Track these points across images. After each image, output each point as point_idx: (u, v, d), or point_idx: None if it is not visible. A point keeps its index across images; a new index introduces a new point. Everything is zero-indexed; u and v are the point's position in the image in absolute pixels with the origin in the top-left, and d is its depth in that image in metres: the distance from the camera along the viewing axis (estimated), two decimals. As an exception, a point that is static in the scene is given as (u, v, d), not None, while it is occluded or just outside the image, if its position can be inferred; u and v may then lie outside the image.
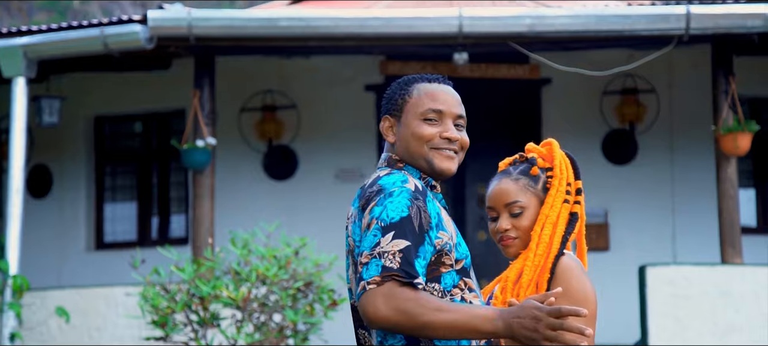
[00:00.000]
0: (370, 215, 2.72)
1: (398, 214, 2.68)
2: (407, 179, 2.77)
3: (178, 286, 7.37)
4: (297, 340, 7.44)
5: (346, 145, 11.24)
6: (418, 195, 2.74)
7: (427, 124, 2.86)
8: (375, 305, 2.61)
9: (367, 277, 2.64)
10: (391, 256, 2.64)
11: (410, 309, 2.60)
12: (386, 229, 2.67)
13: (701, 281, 9.14)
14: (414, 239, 2.67)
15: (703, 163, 10.93)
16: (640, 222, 11.12)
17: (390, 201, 2.71)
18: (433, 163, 2.85)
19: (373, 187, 2.78)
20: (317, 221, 10.76)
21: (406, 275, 2.63)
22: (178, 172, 11.58)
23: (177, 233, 11.61)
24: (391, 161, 2.90)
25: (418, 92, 2.89)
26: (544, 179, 3.00)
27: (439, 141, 2.85)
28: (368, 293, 2.63)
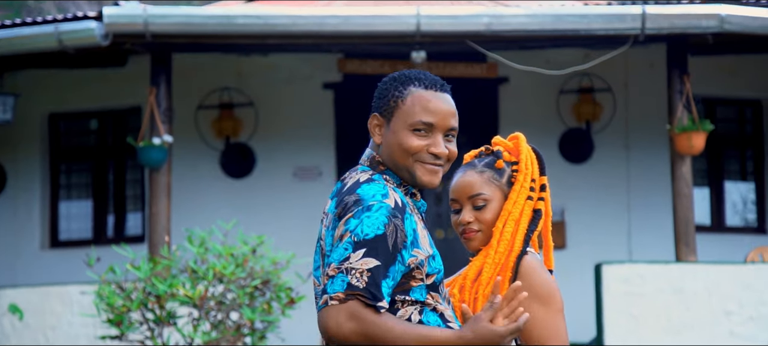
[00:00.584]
0: (345, 226, 2.64)
1: (373, 231, 2.61)
2: (388, 193, 2.68)
3: (134, 284, 7.32)
4: (254, 338, 7.41)
5: (304, 143, 11.22)
6: (396, 212, 2.66)
7: (415, 135, 2.74)
8: (337, 321, 2.57)
9: (331, 291, 2.59)
10: (359, 274, 2.58)
11: (371, 332, 2.57)
12: (358, 245, 2.60)
13: (656, 279, 9.22)
14: (385, 259, 2.61)
15: (658, 162, 11.03)
16: (596, 220, 11.20)
17: (367, 216, 2.62)
18: (416, 175, 2.76)
19: (351, 195, 2.69)
20: (275, 219, 10.73)
21: (370, 297, 2.58)
22: (134, 170, 11.50)
23: (133, 231, 11.53)
24: (374, 162, 2.80)
25: (412, 98, 2.75)
26: (509, 173, 2.96)
27: (425, 155, 2.75)
28: (330, 308, 2.58)
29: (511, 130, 11.63)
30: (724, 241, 11.34)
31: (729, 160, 11.91)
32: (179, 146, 10.39)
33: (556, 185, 12.59)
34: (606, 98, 11.28)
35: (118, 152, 11.48)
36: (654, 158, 11.16)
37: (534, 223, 2.93)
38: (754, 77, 11.56)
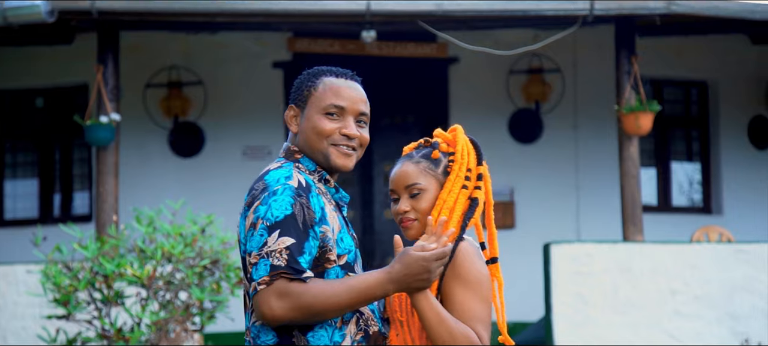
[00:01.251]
0: (254, 213, 2.76)
1: (282, 212, 2.74)
2: (291, 175, 2.81)
3: (81, 264, 7.25)
4: (203, 318, 7.38)
5: (253, 122, 11.16)
6: (300, 192, 2.78)
7: (327, 119, 2.90)
8: (269, 304, 2.69)
9: (257, 277, 2.71)
10: (278, 254, 2.71)
11: (304, 303, 2.69)
12: (272, 228, 2.73)
13: (603, 259, 9.31)
14: (298, 236, 2.73)
15: (606, 142, 11.12)
16: (545, 200, 11.28)
17: (274, 199, 2.75)
18: (330, 158, 2.90)
19: (259, 182, 2.83)
20: (224, 199, 10.68)
21: (293, 272, 2.70)
22: (81, 148, 11.38)
23: (80, 210, 11.42)
24: (289, 152, 2.94)
25: (323, 86, 2.92)
26: (445, 163, 3.03)
27: (337, 137, 2.90)
28: (260, 293, 2.70)
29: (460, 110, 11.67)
30: (671, 221, 11.48)
31: (675, 141, 12.04)
32: (127, 125, 10.29)
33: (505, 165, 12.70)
34: (555, 79, 11.35)
35: (64, 131, 11.35)
36: (602, 139, 11.25)
37: (470, 211, 2.98)
38: (701, 59, 11.68)
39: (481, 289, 2.89)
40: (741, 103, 11.79)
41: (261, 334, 2.79)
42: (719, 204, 11.78)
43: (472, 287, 2.88)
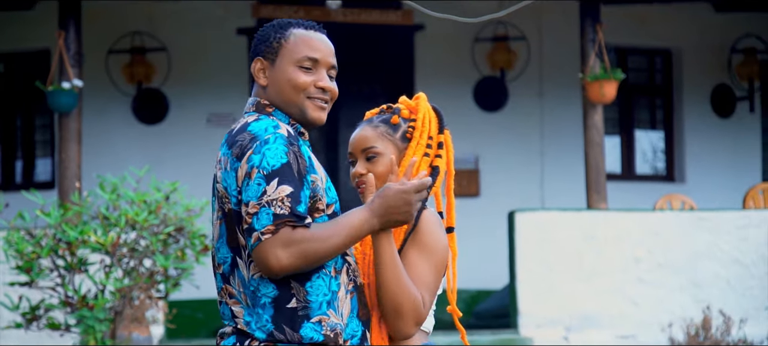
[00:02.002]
0: (248, 163, 2.71)
1: (278, 161, 2.70)
2: (278, 125, 2.77)
3: (44, 231, 7.19)
4: (168, 286, 7.36)
5: (217, 89, 11.10)
6: (292, 140, 2.75)
7: (302, 71, 2.86)
8: (276, 254, 2.66)
9: (260, 227, 2.67)
10: (280, 202, 2.67)
11: (308, 250, 2.68)
12: (269, 176, 2.69)
13: (568, 226, 9.36)
14: (295, 185, 2.70)
15: (570, 110, 11.16)
16: (510, 168, 11.31)
17: (267, 148, 2.71)
18: (306, 112, 2.87)
19: (243, 134, 2.77)
20: (188, 166, 10.63)
21: (297, 219, 2.68)
22: (44, 115, 11.27)
23: (42, 177, 11.33)
24: (260, 106, 2.89)
25: (294, 38, 2.88)
26: (404, 129, 3.03)
27: (313, 90, 2.87)
28: (264, 243, 2.66)
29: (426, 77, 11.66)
30: (634, 189, 11.56)
31: (639, 109, 12.10)
32: (90, 91, 10.20)
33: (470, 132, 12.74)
34: (520, 47, 11.36)
35: (26, 97, 11.23)
36: (567, 107, 11.29)
37: (431, 179, 2.98)
38: (665, 27, 11.73)
39: (436, 257, 2.90)
40: (705, 72, 11.87)
41: (261, 287, 2.74)
42: (682, 172, 11.87)
43: (427, 253, 2.89)
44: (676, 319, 9.09)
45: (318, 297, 2.74)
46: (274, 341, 2.72)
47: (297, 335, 2.71)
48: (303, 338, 2.72)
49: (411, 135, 3.02)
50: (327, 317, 2.74)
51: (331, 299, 2.76)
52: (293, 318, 2.72)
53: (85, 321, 6.98)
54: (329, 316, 2.75)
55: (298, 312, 2.73)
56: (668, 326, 8.90)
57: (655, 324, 9.23)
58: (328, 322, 2.74)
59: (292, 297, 2.73)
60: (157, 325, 8.53)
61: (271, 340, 2.72)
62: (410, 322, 2.84)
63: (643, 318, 9.28)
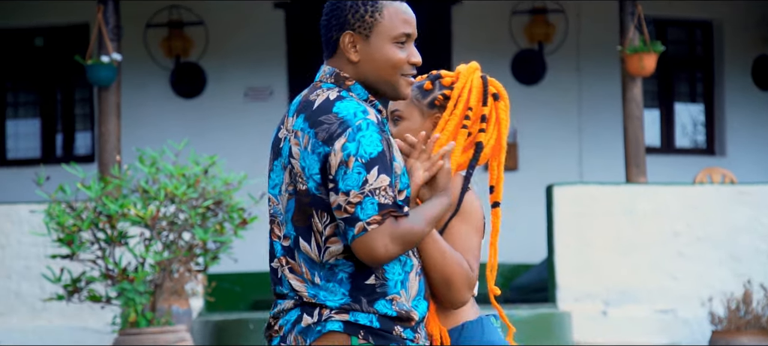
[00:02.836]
0: (343, 152, 2.67)
1: (375, 149, 2.67)
2: (366, 110, 2.73)
3: (85, 204, 7.25)
4: (207, 259, 7.40)
5: (255, 63, 11.12)
6: (382, 127, 2.74)
7: (398, 47, 2.81)
8: (385, 244, 2.66)
9: (365, 217, 2.65)
10: (383, 192, 2.66)
11: (411, 239, 2.70)
12: (369, 165, 2.66)
13: (606, 200, 9.31)
14: (391, 173, 2.69)
15: (609, 83, 11.08)
16: (548, 142, 11.26)
17: (362, 136, 2.67)
18: (399, 88, 2.83)
19: (328, 115, 2.71)
20: (226, 140, 10.67)
21: (398, 209, 2.68)
22: (83, 88, 11.35)
23: (82, 150, 11.42)
24: (339, 78, 2.81)
25: (389, 12, 2.80)
26: (434, 96, 2.98)
27: (407, 67, 2.83)
28: (371, 233, 2.65)
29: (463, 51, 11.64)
30: (674, 162, 11.48)
31: (679, 82, 12.00)
32: (128, 65, 10.25)
33: (508, 106, 12.48)
34: (558, 19, 11.28)
35: (66, 70, 11.31)
36: (605, 80, 11.21)
37: (475, 156, 2.94)
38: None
39: (475, 220, 2.89)
40: (745, 44, 11.73)
41: (339, 263, 2.73)
42: (722, 145, 11.77)
43: (465, 217, 2.88)
44: (716, 293, 9.03)
45: (394, 276, 2.75)
46: (349, 309, 2.71)
47: (372, 307, 2.72)
48: (378, 311, 2.72)
49: (440, 102, 2.97)
50: (399, 297, 2.75)
51: (404, 279, 2.77)
52: (371, 294, 2.73)
53: (126, 294, 7.04)
54: (401, 295, 2.76)
55: (376, 289, 2.73)
56: (708, 300, 8.85)
57: (694, 298, 9.18)
58: (399, 301, 2.75)
59: (371, 274, 2.73)
60: (196, 298, 8.59)
61: (347, 308, 2.72)
62: (463, 289, 2.84)
63: (682, 292, 9.23)
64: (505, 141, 3.00)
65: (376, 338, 2.71)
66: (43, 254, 8.63)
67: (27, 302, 8.91)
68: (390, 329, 2.72)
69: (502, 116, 3.00)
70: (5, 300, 8.93)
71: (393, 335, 2.73)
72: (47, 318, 8.92)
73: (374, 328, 2.71)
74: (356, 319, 2.71)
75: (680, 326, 9.20)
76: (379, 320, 2.72)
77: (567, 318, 9.00)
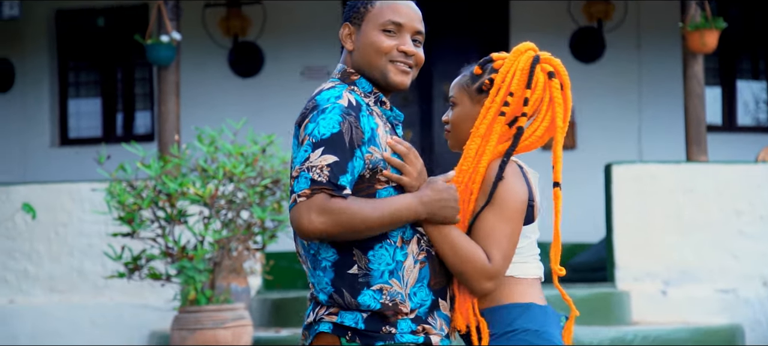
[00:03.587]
0: (304, 131, 2.78)
1: (329, 130, 2.74)
2: (341, 95, 2.81)
3: (145, 183, 7.33)
4: (265, 237, 7.44)
5: (311, 42, 11.14)
6: (350, 110, 2.78)
7: (385, 35, 2.89)
8: (309, 217, 2.69)
9: (297, 189, 2.72)
10: (319, 170, 2.71)
11: (342, 220, 2.70)
12: (316, 145, 2.73)
13: (666, 179, 9.22)
14: (342, 155, 2.73)
15: (670, 61, 10.95)
16: (607, 121, 11.16)
17: (322, 117, 2.76)
18: (388, 76, 2.89)
19: (310, 102, 2.84)
20: (283, 119, 10.67)
21: (334, 188, 2.71)
22: (143, 68, 11.45)
23: (142, 129, 11.53)
24: (345, 74, 2.93)
25: (380, 3, 2.91)
26: (482, 81, 2.97)
27: (395, 54, 2.89)
28: (299, 205, 2.71)
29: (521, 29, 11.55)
30: (735, 140, 11.32)
31: (741, 59, 11.81)
32: (187, 45, 10.32)
33: (567, 84, 12.32)
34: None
35: (126, 50, 11.42)
36: (665, 57, 11.07)
37: (513, 143, 2.90)
38: (769, -25, 11.41)
39: (507, 208, 2.85)
40: (810, 21, 11.52)
41: (321, 250, 2.81)
42: (785, 124, 11.59)
43: (496, 205, 2.85)
44: (778, 274, 8.91)
45: (380, 266, 2.78)
46: (334, 305, 2.78)
47: (354, 301, 2.77)
48: (360, 305, 2.76)
49: (487, 87, 2.95)
50: (389, 286, 2.78)
51: (396, 268, 2.79)
52: (353, 284, 2.77)
53: (185, 272, 7.10)
54: (392, 285, 2.78)
55: (358, 279, 2.77)
56: (769, 280, 8.73)
57: (756, 278, 9.06)
58: (389, 291, 2.78)
59: (354, 264, 2.78)
60: (254, 276, 8.65)
61: (331, 304, 2.79)
62: (478, 281, 2.83)
63: (743, 272, 9.12)
64: (561, 120, 2.94)
65: (362, 338, 2.76)
66: (105, 232, 8.75)
67: (89, 280, 9.04)
68: (377, 328, 2.77)
69: (556, 95, 2.95)
70: (68, 278, 9.07)
71: (381, 333, 2.77)
72: (109, 295, 9.04)
73: (359, 329, 2.76)
74: (342, 320, 2.77)
75: (741, 305, 9.09)
76: (365, 321, 2.76)
77: (626, 298, 8.93)
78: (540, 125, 2.95)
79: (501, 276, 2.85)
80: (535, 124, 2.95)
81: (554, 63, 2.99)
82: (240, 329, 7.25)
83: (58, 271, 9.07)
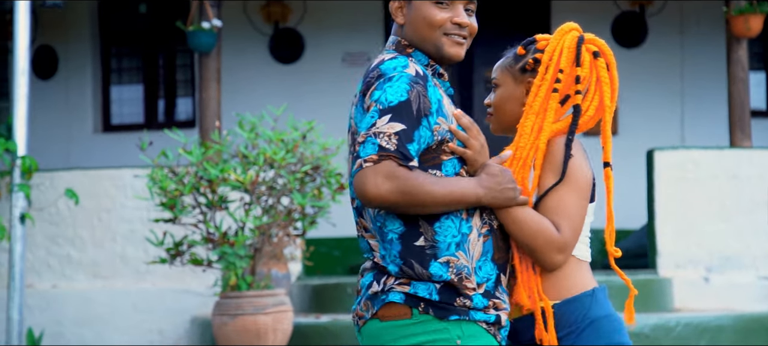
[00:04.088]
0: (370, 98, 2.73)
1: (396, 98, 2.70)
2: (408, 64, 2.76)
3: (186, 169, 7.37)
4: (305, 223, 7.46)
5: (352, 28, 11.14)
6: (418, 79, 2.74)
7: (438, 8, 2.83)
8: (375, 182, 2.65)
9: (364, 155, 2.67)
10: (387, 137, 2.67)
11: (407, 189, 2.66)
12: (384, 111, 2.69)
13: (709, 165, 9.13)
14: (410, 123, 2.69)
15: (713, 46, 10.84)
16: (649, 106, 11.08)
17: (389, 85, 2.71)
18: (442, 48, 2.85)
19: (374, 71, 2.78)
20: (324, 105, 10.73)
21: (402, 157, 2.67)
22: (184, 54, 11.51)
23: (183, 116, 11.59)
24: (400, 46, 2.88)
25: None
26: (526, 60, 2.94)
27: (449, 26, 2.84)
28: (365, 170, 2.66)
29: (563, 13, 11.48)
30: (780, 126, 11.19)
31: (786, 44, 11.68)
32: (228, 31, 10.35)
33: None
34: (661, -19, 11.05)
35: (167, 37, 11.48)
36: (709, 42, 10.96)
37: (574, 121, 2.89)
38: (815, -42, 11.25)
39: (576, 182, 2.84)
40: None
41: (387, 223, 2.76)
42: (831, 109, 11.44)
43: (570, 184, 2.84)
44: (823, 261, 8.81)
45: (446, 238, 2.74)
46: (404, 276, 2.73)
47: (426, 271, 2.73)
48: (432, 275, 2.72)
49: (532, 67, 2.93)
50: (455, 259, 2.74)
51: (461, 240, 2.76)
52: (421, 255, 2.74)
53: (227, 257, 7.14)
54: (458, 258, 2.75)
55: (425, 250, 2.74)
56: (814, 268, 8.64)
57: (800, 266, 8.97)
58: (456, 264, 2.74)
59: (420, 235, 2.74)
60: (295, 262, 8.68)
61: (402, 275, 2.74)
62: (548, 254, 2.82)
63: (787, 260, 9.02)
64: (609, 99, 2.93)
65: (436, 309, 2.72)
66: (147, 218, 8.81)
67: (131, 265, 9.12)
68: (451, 301, 2.73)
69: (602, 75, 2.93)
70: (111, 263, 9.15)
71: (454, 306, 2.73)
72: (151, 281, 9.11)
73: (433, 300, 2.72)
74: (416, 291, 2.73)
75: (785, 293, 9.00)
76: (439, 292, 2.72)
77: (668, 284, 8.87)
78: (590, 105, 2.94)
79: (570, 249, 2.84)
80: (584, 105, 2.93)
81: (599, 43, 2.99)
82: (280, 314, 7.28)
83: (101, 256, 9.15)
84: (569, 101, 2.92)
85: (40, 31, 11.22)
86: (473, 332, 2.73)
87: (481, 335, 2.74)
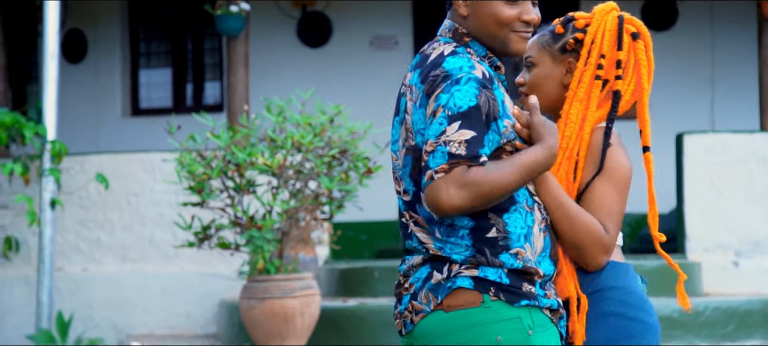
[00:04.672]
0: (436, 102, 2.65)
1: (466, 103, 2.62)
2: (474, 65, 2.68)
3: (214, 153, 7.39)
4: (332, 207, 7.47)
5: (380, 12, 11.11)
6: (485, 82, 2.66)
7: (507, 4, 2.74)
8: (448, 193, 2.59)
9: (434, 165, 2.61)
10: (457, 144, 2.60)
11: (482, 191, 2.60)
12: (453, 118, 2.61)
13: (739, 148, 9.07)
14: (480, 130, 2.62)
15: (743, 29, 10.75)
16: (679, 89, 11.00)
17: (457, 89, 2.63)
18: (509, 45, 2.77)
19: (437, 69, 2.68)
20: (352, 89, 10.72)
21: (473, 160, 2.60)
22: (212, 38, 11.53)
23: (211, 99, 11.62)
24: (457, 34, 2.79)
25: None
26: (566, 40, 2.89)
27: (518, 24, 2.75)
28: (437, 181, 2.60)
29: (592, -4, 11.09)
30: (811, 110, 11.08)
31: (818, 27, 11.55)
32: (256, 15, 10.36)
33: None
34: (691, -37, 10.97)
35: (196, 20, 11.50)
36: (740, 25, 10.87)
37: (614, 106, 2.84)
38: None
39: (617, 178, 2.81)
40: None
41: (456, 219, 2.69)
42: None
43: (607, 175, 2.80)
44: None
45: (516, 229, 2.70)
46: (476, 262, 2.68)
47: (497, 259, 2.68)
48: (504, 263, 2.68)
49: (572, 47, 2.88)
50: (523, 251, 2.70)
51: (528, 233, 2.72)
52: (494, 246, 2.68)
53: (254, 241, 7.16)
54: (526, 250, 2.70)
55: (498, 241, 2.68)
56: None
57: (831, 251, 8.90)
58: (523, 255, 2.70)
59: (492, 227, 2.68)
60: (322, 246, 8.70)
61: (472, 261, 2.68)
62: (595, 254, 2.78)
63: (818, 244, 8.96)
64: (647, 82, 2.89)
65: (506, 294, 2.67)
66: (175, 202, 8.85)
67: (160, 249, 9.16)
68: (519, 285, 2.68)
69: (641, 57, 2.89)
70: (140, 247, 9.20)
71: (523, 290, 2.68)
72: (179, 264, 9.16)
73: (504, 284, 2.67)
74: (486, 275, 2.67)
75: (816, 278, 8.93)
76: (508, 275, 2.68)
77: (697, 269, 8.82)
78: (628, 89, 2.90)
79: (613, 250, 2.81)
80: (623, 88, 2.89)
81: (637, 24, 2.94)
82: (308, 298, 7.30)
83: (130, 240, 9.20)
84: (608, 86, 2.88)
85: (70, 15, 11.26)
86: (542, 322, 2.69)
87: (548, 326, 2.70)
